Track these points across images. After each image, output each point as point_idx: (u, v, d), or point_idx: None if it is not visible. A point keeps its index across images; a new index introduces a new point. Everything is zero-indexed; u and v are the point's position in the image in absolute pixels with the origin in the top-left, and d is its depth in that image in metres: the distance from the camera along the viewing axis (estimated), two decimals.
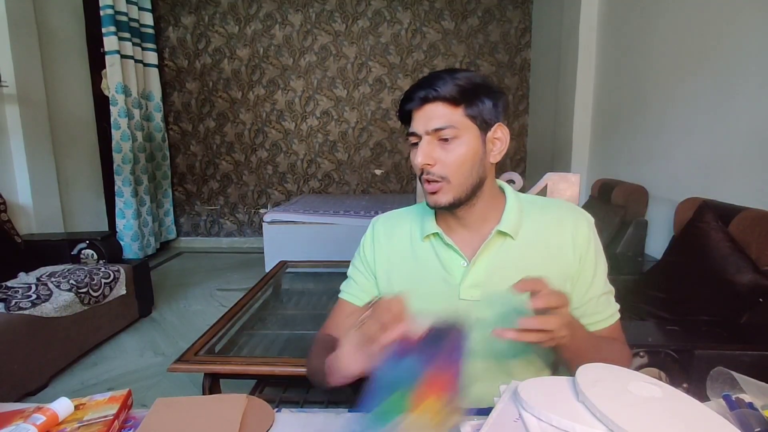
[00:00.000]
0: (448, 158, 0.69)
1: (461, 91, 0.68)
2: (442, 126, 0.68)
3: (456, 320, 0.56)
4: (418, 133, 0.70)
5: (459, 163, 0.69)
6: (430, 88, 0.68)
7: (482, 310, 0.72)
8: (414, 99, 0.70)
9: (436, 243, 0.77)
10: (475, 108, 0.69)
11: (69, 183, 3.40)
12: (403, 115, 0.73)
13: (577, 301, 0.74)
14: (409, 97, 0.70)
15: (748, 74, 1.68)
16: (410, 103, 0.70)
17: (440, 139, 0.69)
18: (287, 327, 1.86)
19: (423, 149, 0.69)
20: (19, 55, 2.82)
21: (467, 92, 0.68)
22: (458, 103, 0.68)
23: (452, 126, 0.68)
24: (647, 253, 2.24)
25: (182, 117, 4.53)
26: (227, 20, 4.35)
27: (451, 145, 0.69)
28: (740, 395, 0.56)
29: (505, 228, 0.72)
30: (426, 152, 0.69)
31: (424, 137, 0.69)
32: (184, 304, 3.01)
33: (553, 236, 0.73)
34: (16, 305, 1.89)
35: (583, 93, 3.08)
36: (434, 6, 4.31)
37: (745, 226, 1.45)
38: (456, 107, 0.68)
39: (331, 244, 3.30)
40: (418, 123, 0.70)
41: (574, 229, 0.73)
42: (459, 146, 0.69)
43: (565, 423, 0.46)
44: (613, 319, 0.77)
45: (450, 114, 0.68)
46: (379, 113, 4.52)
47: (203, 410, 0.60)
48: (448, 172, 0.69)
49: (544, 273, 0.71)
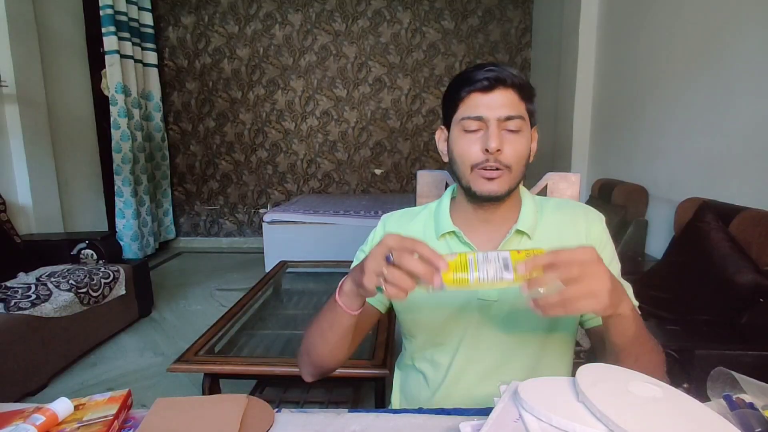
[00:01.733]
0: (514, 148, 0.67)
1: (526, 85, 0.67)
2: (514, 114, 0.66)
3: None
4: (485, 117, 0.66)
5: (522, 155, 0.68)
6: (504, 71, 0.65)
7: (499, 309, 0.72)
8: (483, 80, 0.65)
9: (452, 242, 0.75)
10: (531, 105, 0.69)
11: (69, 183, 3.39)
12: (452, 99, 0.69)
13: None
14: (474, 78, 0.66)
15: (748, 74, 1.68)
16: (476, 83, 0.66)
17: (508, 129, 0.67)
18: (287, 327, 1.86)
19: (495, 134, 0.65)
20: (19, 55, 2.82)
21: (529, 86, 0.68)
22: (524, 96, 0.67)
23: (520, 116, 0.67)
24: (647, 253, 2.24)
25: (182, 117, 4.53)
26: (227, 20, 4.35)
27: (517, 136, 0.67)
28: (741, 395, 0.56)
29: (523, 227, 0.72)
30: (500, 137, 0.66)
31: (493, 122, 0.66)
32: (184, 304, 3.01)
33: (568, 235, 0.73)
34: (16, 305, 1.89)
35: (583, 93, 3.08)
36: (434, 6, 4.31)
37: (745, 226, 1.45)
38: (522, 100, 0.67)
39: (331, 244, 3.30)
40: (487, 107, 0.66)
41: (587, 227, 0.73)
42: (522, 138, 0.68)
43: (565, 423, 0.46)
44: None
45: (518, 104, 0.67)
46: (379, 113, 4.52)
47: (203, 410, 0.60)
48: (512, 162, 0.67)
49: None
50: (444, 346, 0.77)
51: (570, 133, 3.16)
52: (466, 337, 0.74)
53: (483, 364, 0.74)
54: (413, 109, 4.50)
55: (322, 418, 0.61)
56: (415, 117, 4.51)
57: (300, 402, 1.55)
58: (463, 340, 0.75)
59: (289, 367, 1.32)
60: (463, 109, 0.68)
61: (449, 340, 0.76)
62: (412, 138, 4.55)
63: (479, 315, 0.73)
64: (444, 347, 0.77)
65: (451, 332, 0.75)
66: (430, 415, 0.62)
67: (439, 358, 0.78)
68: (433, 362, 0.79)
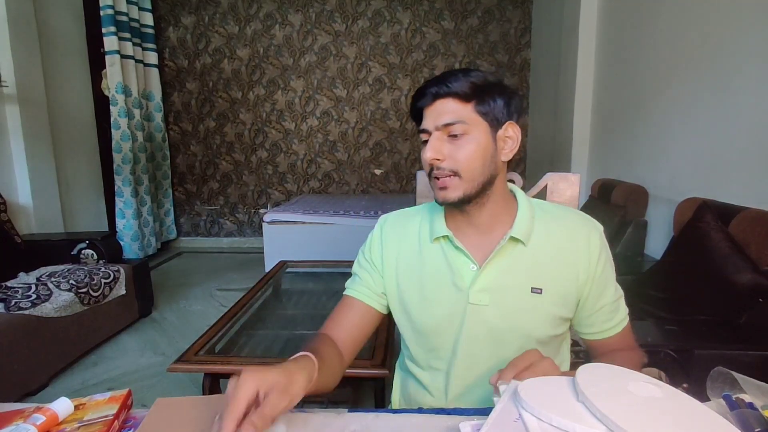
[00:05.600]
0: (458, 153, 0.68)
1: (473, 87, 0.67)
2: (452, 121, 0.67)
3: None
4: (428, 129, 0.70)
5: (469, 158, 0.68)
6: (442, 84, 0.68)
7: (491, 315, 0.72)
8: (425, 95, 0.69)
9: (445, 246, 0.75)
10: (486, 105, 0.68)
11: (69, 183, 3.40)
12: (415, 112, 0.73)
13: (588, 310, 0.74)
14: (421, 94, 0.70)
15: (748, 74, 1.68)
16: (422, 99, 0.70)
17: (450, 135, 0.68)
18: (287, 327, 1.86)
19: (432, 144, 0.69)
20: (19, 55, 2.82)
21: (479, 89, 0.68)
22: (469, 99, 0.68)
23: (461, 121, 0.67)
24: (647, 253, 2.24)
25: (182, 117, 4.53)
26: (227, 20, 4.35)
27: (461, 141, 0.68)
28: (740, 395, 0.56)
29: (517, 234, 0.71)
30: (435, 147, 0.68)
31: (434, 133, 0.69)
32: (184, 304, 3.01)
33: (565, 245, 0.72)
34: (16, 305, 1.89)
35: (583, 93, 3.08)
36: (434, 6, 4.31)
37: (745, 226, 1.45)
38: (466, 103, 0.68)
39: (331, 244, 3.30)
40: (429, 119, 0.70)
41: (587, 240, 0.72)
42: (469, 142, 0.68)
43: (565, 423, 0.46)
44: (621, 325, 0.76)
45: (460, 109, 0.68)
46: (378, 113, 4.52)
47: (203, 410, 0.60)
48: (458, 167, 0.68)
49: (554, 280, 0.72)
50: (439, 350, 0.77)
51: (570, 133, 3.16)
52: (460, 342, 0.74)
53: (480, 368, 0.74)
54: None
55: (321, 418, 0.61)
56: None
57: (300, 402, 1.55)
58: (458, 344, 0.74)
59: None
60: (420, 121, 0.72)
61: (443, 344, 0.76)
62: (412, 138, 4.55)
63: (473, 319, 0.73)
64: (439, 351, 0.77)
65: (445, 336, 0.75)
66: (430, 415, 0.62)
67: (436, 363, 0.78)
68: (430, 367, 0.79)
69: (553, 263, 0.72)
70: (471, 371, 0.75)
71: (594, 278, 0.72)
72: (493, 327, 0.72)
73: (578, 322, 0.77)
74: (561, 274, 0.72)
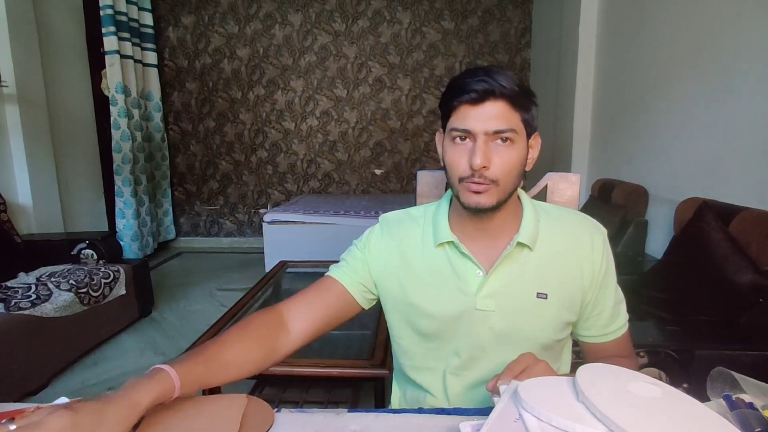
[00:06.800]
0: (503, 162, 0.64)
1: (521, 92, 0.64)
2: (505, 128, 0.63)
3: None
4: (474, 131, 0.64)
5: (512, 168, 0.65)
6: (494, 81, 0.61)
7: (497, 320, 0.71)
8: (471, 91, 0.62)
9: (450, 251, 0.73)
10: (529, 113, 0.66)
11: (69, 183, 3.39)
12: (445, 107, 0.67)
13: (588, 313, 0.74)
14: (464, 89, 0.63)
15: (748, 74, 1.68)
16: (465, 95, 0.63)
17: (496, 142, 0.64)
18: None
19: (482, 150, 0.63)
20: (19, 55, 2.82)
21: (525, 94, 0.65)
22: (518, 105, 0.64)
23: (513, 130, 0.63)
24: (647, 253, 2.24)
25: (182, 117, 4.53)
26: (227, 20, 4.35)
27: (507, 149, 0.64)
28: (740, 395, 0.56)
29: (524, 239, 0.70)
30: (486, 155, 0.63)
31: (481, 137, 0.63)
32: (184, 304, 3.01)
33: (570, 249, 0.72)
34: (16, 305, 1.89)
35: (583, 93, 3.08)
36: (434, 6, 4.31)
37: (745, 226, 1.45)
38: (516, 110, 0.64)
39: (331, 244, 3.29)
40: (475, 120, 0.63)
41: (590, 243, 0.72)
42: (514, 150, 0.65)
43: (565, 423, 0.46)
44: (620, 332, 0.76)
45: (511, 116, 0.63)
46: (379, 113, 4.52)
47: (203, 410, 0.60)
48: (499, 176, 0.65)
49: (559, 285, 0.71)
50: (440, 352, 0.76)
51: (570, 133, 3.16)
52: (464, 346, 0.74)
53: (482, 370, 0.74)
54: (413, 110, 4.51)
55: (321, 418, 0.61)
56: (415, 117, 4.52)
57: (299, 402, 1.55)
58: (461, 348, 0.74)
59: (289, 367, 1.32)
60: (454, 119, 0.66)
61: (445, 347, 0.75)
62: (413, 138, 4.55)
63: (479, 324, 0.72)
64: (440, 353, 0.76)
65: (448, 340, 0.75)
66: (430, 415, 0.62)
67: (436, 364, 0.77)
68: (430, 368, 0.78)
69: (558, 267, 0.71)
70: (472, 373, 0.75)
71: (597, 282, 0.72)
72: (499, 332, 0.72)
73: (577, 324, 0.77)
74: (565, 278, 0.71)
